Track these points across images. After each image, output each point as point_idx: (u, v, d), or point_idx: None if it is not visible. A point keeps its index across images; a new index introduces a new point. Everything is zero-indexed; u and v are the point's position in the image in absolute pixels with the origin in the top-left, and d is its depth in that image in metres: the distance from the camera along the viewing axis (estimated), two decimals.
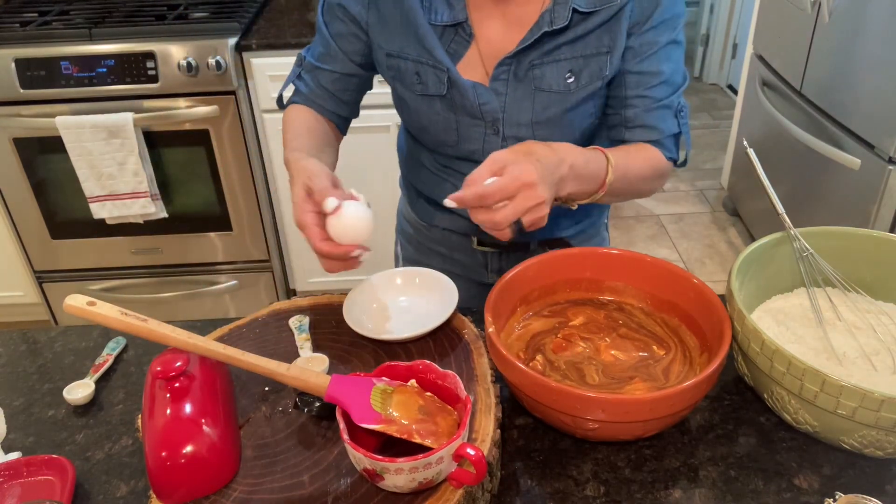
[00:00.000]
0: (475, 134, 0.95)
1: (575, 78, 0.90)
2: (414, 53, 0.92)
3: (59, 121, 1.96)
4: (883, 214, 1.94)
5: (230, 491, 0.68)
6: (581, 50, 0.89)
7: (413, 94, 0.95)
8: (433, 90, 0.93)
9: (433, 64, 0.91)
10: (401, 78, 0.95)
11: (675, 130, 0.95)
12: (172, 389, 0.69)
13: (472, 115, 0.94)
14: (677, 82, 0.93)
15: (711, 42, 4.18)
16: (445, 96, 0.93)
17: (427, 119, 0.97)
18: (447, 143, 0.98)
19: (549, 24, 0.86)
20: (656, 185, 0.97)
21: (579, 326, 0.87)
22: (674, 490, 0.72)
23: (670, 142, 0.95)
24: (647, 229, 2.99)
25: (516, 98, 0.92)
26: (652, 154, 0.94)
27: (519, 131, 0.94)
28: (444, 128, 0.96)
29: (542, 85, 0.91)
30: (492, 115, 0.93)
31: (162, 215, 2.17)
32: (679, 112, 0.94)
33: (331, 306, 0.93)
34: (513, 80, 0.91)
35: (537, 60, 0.89)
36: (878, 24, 1.87)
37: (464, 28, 0.91)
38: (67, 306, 0.65)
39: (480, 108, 0.92)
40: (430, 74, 0.92)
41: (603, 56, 0.89)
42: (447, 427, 0.67)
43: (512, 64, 0.90)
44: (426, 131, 0.99)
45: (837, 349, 0.80)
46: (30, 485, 0.74)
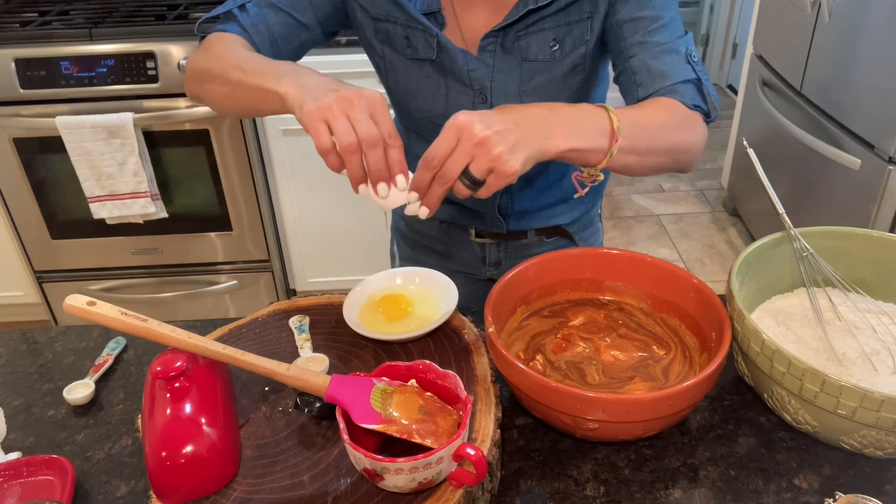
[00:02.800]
0: (463, 102, 0.95)
1: (559, 45, 0.91)
2: (402, 18, 0.92)
3: (59, 121, 1.96)
4: (883, 214, 1.94)
5: (230, 491, 0.68)
6: (564, 18, 0.90)
7: (403, 57, 0.95)
8: (423, 54, 0.93)
9: (422, 29, 0.92)
10: (390, 41, 0.95)
11: (691, 76, 0.86)
12: (172, 389, 0.69)
13: (461, 82, 0.94)
14: (679, 28, 0.88)
15: (711, 42, 4.18)
16: (435, 61, 0.93)
17: (416, 84, 0.96)
18: (434, 112, 0.97)
19: (535, 2, 0.88)
20: (689, 138, 0.85)
21: (579, 326, 0.87)
22: (674, 490, 0.72)
23: (687, 88, 0.85)
24: (647, 229, 2.99)
25: (503, 68, 0.93)
26: (666, 102, 0.85)
27: (507, 100, 0.94)
28: (433, 94, 0.96)
29: (528, 55, 0.92)
30: (480, 83, 0.93)
31: (162, 215, 2.17)
32: (691, 57, 0.87)
33: (331, 306, 0.93)
34: (500, 51, 0.92)
35: (522, 31, 0.91)
36: (878, 24, 1.87)
37: (436, 17, 0.92)
38: (67, 306, 0.65)
39: (469, 74, 0.93)
40: (420, 38, 0.92)
41: (585, 21, 0.90)
42: (447, 427, 0.67)
43: (498, 37, 0.91)
44: (413, 97, 0.97)
45: (837, 349, 0.80)
46: (30, 485, 0.74)
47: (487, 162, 0.69)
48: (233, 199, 2.21)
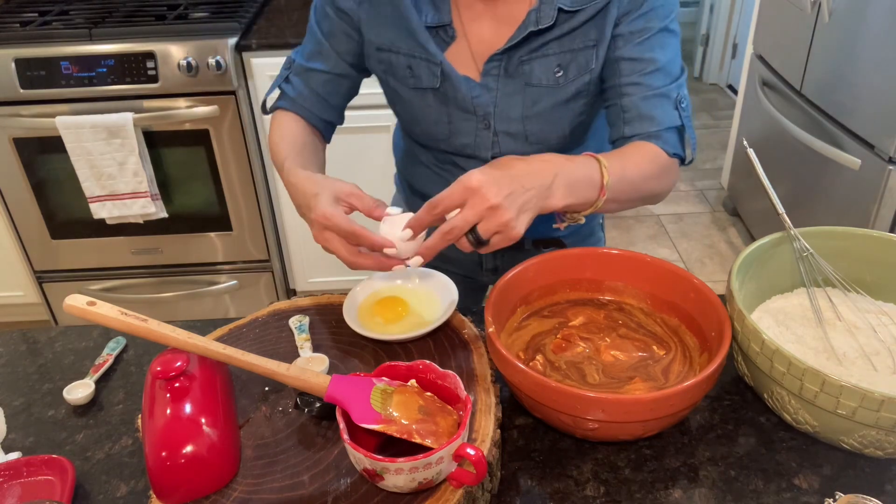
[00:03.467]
0: (467, 128, 0.96)
1: (563, 72, 0.91)
2: (405, 47, 0.93)
3: (59, 121, 1.96)
4: (883, 214, 1.94)
5: (230, 491, 0.68)
6: (568, 45, 0.90)
7: (406, 87, 0.96)
8: (426, 83, 0.94)
9: (426, 57, 0.92)
10: (392, 72, 0.96)
11: (676, 123, 0.91)
12: (172, 389, 0.69)
13: (463, 109, 0.94)
14: (675, 73, 0.91)
15: (711, 42, 4.18)
16: (438, 89, 0.93)
17: (420, 112, 0.97)
18: (439, 137, 0.98)
19: (535, 24, 0.87)
20: (664, 185, 0.92)
21: (579, 326, 0.87)
22: (674, 490, 0.72)
23: (671, 135, 0.91)
24: (647, 229, 2.99)
25: (507, 93, 0.93)
26: (650, 151, 0.90)
27: (510, 126, 0.94)
28: (436, 121, 0.96)
29: (531, 80, 0.91)
30: (483, 109, 0.94)
31: (162, 215, 2.17)
32: (679, 104, 0.91)
33: (331, 306, 0.93)
34: (503, 75, 0.92)
35: (526, 56, 0.90)
36: (878, 24, 1.87)
37: (446, 30, 0.92)
38: (67, 306, 0.65)
39: (472, 101, 0.93)
40: (423, 68, 0.93)
41: (590, 49, 0.90)
42: (447, 427, 0.67)
43: (502, 60, 0.91)
44: (418, 124, 0.99)
45: (837, 349, 0.80)
46: (30, 485, 0.74)
47: (496, 226, 0.74)
48: (233, 199, 2.21)
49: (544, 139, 0.97)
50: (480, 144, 0.97)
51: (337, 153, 1.34)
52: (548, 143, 0.97)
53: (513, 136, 0.96)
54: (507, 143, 0.97)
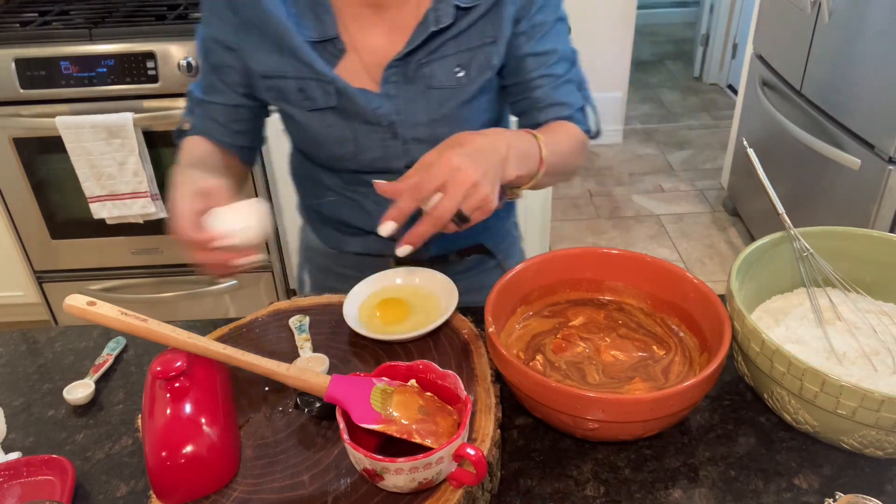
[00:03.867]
0: (373, 141, 0.93)
1: (465, 71, 0.90)
2: (293, 70, 0.89)
3: (59, 121, 1.96)
4: (883, 214, 1.94)
5: (230, 491, 0.68)
6: (466, 43, 0.89)
7: (301, 110, 0.92)
8: (322, 103, 0.90)
9: (316, 77, 0.89)
10: (284, 97, 0.92)
11: (582, 103, 0.96)
12: (172, 389, 0.69)
13: (367, 122, 0.91)
14: (572, 58, 0.96)
15: (711, 42, 4.18)
16: (336, 108, 0.90)
17: (320, 134, 0.93)
18: (345, 157, 0.94)
19: (436, 23, 0.87)
20: (581, 160, 0.98)
21: (579, 326, 0.87)
22: (674, 490, 0.72)
23: (580, 115, 0.97)
24: (647, 229, 2.99)
25: (409, 99, 0.91)
26: (570, 128, 0.95)
27: (417, 132, 0.92)
28: (340, 140, 0.93)
29: (433, 83, 0.90)
30: (387, 119, 0.91)
31: (162, 215, 2.17)
32: (581, 85, 0.97)
33: (331, 306, 0.93)
34: (403, 81, 0.90)
35: (424, 59, 0.89)
36: (878, 24, 1.87)
37: (334, 44, 0.89)
38: (67, 306, 0.65)
39: (374, 112, 0.90)
40: (315, 88, 0.89)
41: (488, 46, 0.90)
42: (447, 427, 0.67)
43: (400, 66, 0.89)
44: (320, 147, 0.95)
45: (837, 349, 0.80)
46: (30, 485, 0.74)
47: (478, 202, 0.74)
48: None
49: None
50: (390, 156, 0.94)
51: None
52: None
53: (422, 141, 0.93)
54: (418, 149, 0.91)
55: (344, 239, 1.06)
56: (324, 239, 1.10)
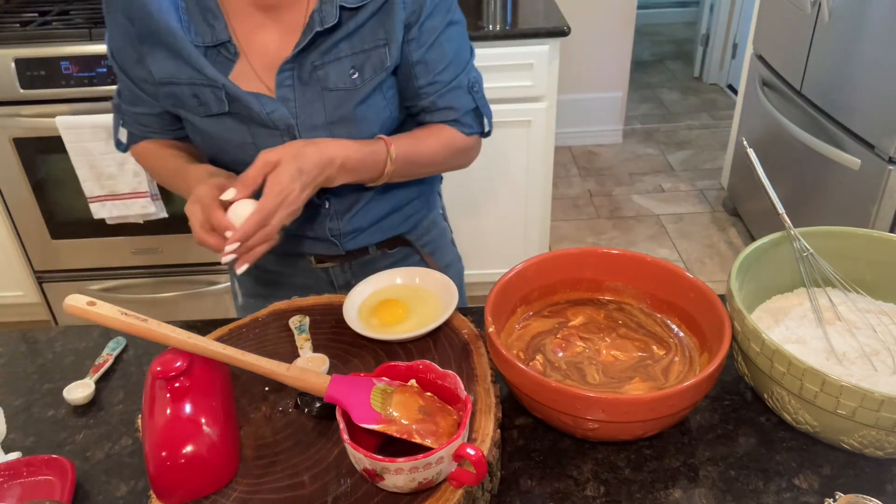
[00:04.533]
0: (272, 144, 0.90)
1: (359, 73, 0.90)
2: (185, 76, 0.89)
3: (59, 121, 1.96)
4: (883, 214, 1.94)
5: (230, 491, 0.68)
6: (359, 45, 0.89)
7: (198, 116, 0.91)
8: (215, 109, 0.90)
9: (208, 83, 0.88)
10: (181, 104, 0.91)
11: (471, 106, 0.98)
12: (172, 389, 0.69)
13: (264, 126, 0.91)
14: (463, 60, 0.96)
15: (711, 42, 4.18)
16: (230, 113, 0.90)
17: (221, 140, 0.93)
18: (247, 161, 0.91)
19: (320, 24, 0.86)
20: (461, 162, 1.02)
21: (579, 326, 0.87)
22: (674, 490, 0.72)
23: (468, 117, 0.98)
24: (647, 229, 2.99)
25: (305, 101, 0.90)
26: (447, 135, 0.98)
27: (316, 133, 0.92)
28: (240, 144, 0.93)
29: (328, 84, 0.90)
30: (284, 122, 0.90)
31: (162, 215, 2.17)
32: (472, 88, 0.97)
33: (331, 306, 0.93)
34: (298, 84, 0.90)
35: (318, 61, 0.89)
36: (878, 24, 1.87)
37: (227, 48, 0.89)
38: (67, 306, 0.65)
39: (269, 116, 0.89)
40: (208, 94, 0.89)
41: (381, 48, 0.90)
42: (447, 427, 0.67)
43: (294, 68, 0.89)
44: (224, 152, 0.95)
45: (837, 349, 0.80)
46: (30, 485, 0.74)
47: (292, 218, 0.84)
48: None
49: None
50: None
51: None
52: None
53: None
54: None
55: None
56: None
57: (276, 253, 1.03)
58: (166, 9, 0.86)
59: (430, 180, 1.11)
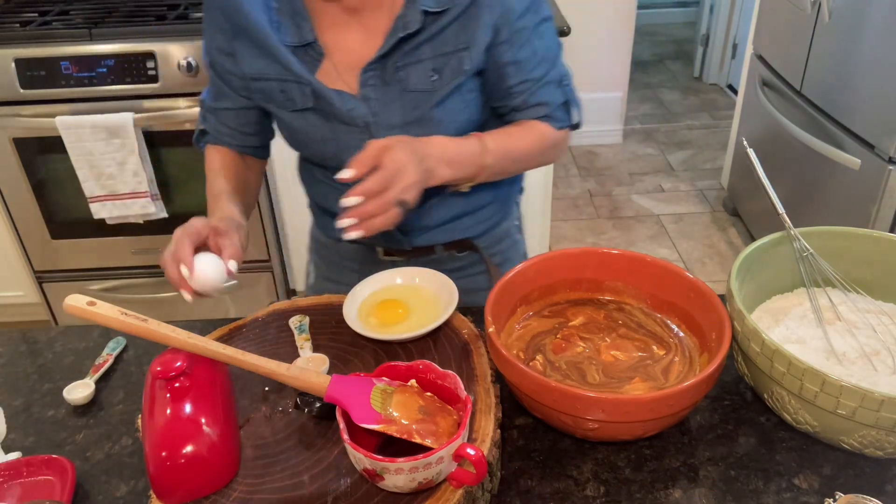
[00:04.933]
0: (352, 141, 0.94)
1: (438, 76, 0.91)
2: (275, 72, 0.93)
3: (59, 121, 1.96)
4: (883, 214, 1.94)
5: (230, 491, 0.68)
6: (441, 48, 0.90)
7: (285, 111, 0.96)
8: (301, 104, 0.94)
9: (295, 79, 0.92)
10: (269, 98, 0.96)
11: (562, 100, 0.97)
12: (172, 389, 0.69)
13: (345, 123, 0.94)
14: (552, 55, 0.96)
15: (711, 42, 4.18)
16: (314, 108, 0.94)
17: (304, 134, 0.97)
18: (328, 155, 0.98)
19: (404, 29, 0.88)
20: (551, 156, 1.03)
21: (579, 326, 0.87)
22: (674, 490, 0.72)
23: (560, 112, 0.98)
24: (647, 229, 2.99)
25: (385, 101, 0.93)
26: (537, 129, 0.97)
27: (392, 132, 0.93)
28: (322, 139, 0.96)
29: (408, 86, 0.92)
30: (362, 119, 0.93)
31: (162, 215, 2.17)
32: (561, 82, 0.97)
33: (331, 306, 0.93)
34: (380, 84, 0.92)
35: (400, 63, 0.91)
36: (878, 24, 1.87)
37: (314, 48, 0.92)
38: (67, 306, 0.65)
39: (349, 113, 0.92)
40: (295, 89, 0.93)
41: (462, 52, 0.91)
42: (447, 427, 0.67)
43: (377, 69, 0.91)
44: (306, 146, 1.00)
45: (837, 349, 0.80)
46: (30, 485, 0.74)
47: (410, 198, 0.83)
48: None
49: None
50: None
51: None
52: None
53: None
54: None
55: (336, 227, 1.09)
56: (322, 228, 1.16)
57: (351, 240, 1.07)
58: (259, 9, 0.91)
59: (507, 188, 1.11)
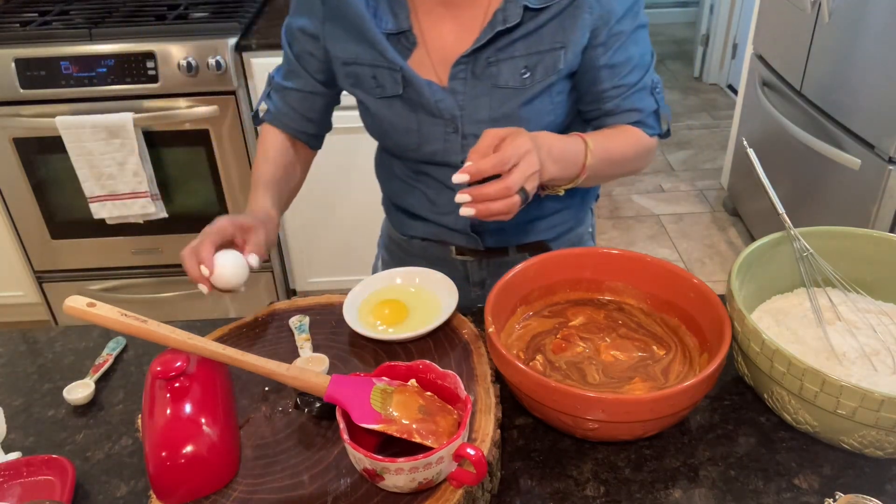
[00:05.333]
0: (435, 133, 0.95)
1: (530, 73, 0.91)
2: (368, 58, 0.94)
3: (59, 121, 1.96)
4: (883, 214, 1.94)
5: (230, 491, 0.68)
6: (535, 46, 0.90)
7: (373, 97, 0.97)
8: (390, 91, 0.94)
9: (387, 65, 0.93)
10: (359, 84, 0.97)
11: (654, 107, 0.97)
12: (172, 389, 0.69)
13: (430, 114, 0.94)
14: (646, 62, 0.96)
15: (711, 42, 4.18)
16: (403, 96, 0.94)
17: (388, 123, 0.98)
18: (409, 147, 0.99)
19: (503, 23, 0.88)
20: (644, 163, 1.01)
21: (579, 326, 0.87)
22: (674, 490, 0.72)
23: (651, 119, 0.97)
24: (647, 229, 2.99)
25: (474, 95, 0.93)
26: (633, 134, 0.96)
27: (478, 128, 0.93)
28: (405, 129, 0.97)
29: (498, 82, 0.92)
30: (449, 113, 0.93)
31: (162, 215, 2.17)
32: (654, 89, 0.97)
33: (331, 306, 0.93)
34: (471, 78, 0.92)
35: (493, 58, 0.91)
36: (878, 24, 1.87)
37: (407, 37, 0.93)
38: (67, 308, 0.65)
39: (437, 104, 0.93)
40: (386, 76, 0.94)
41: (557, 51, 0.90)
42: (447, 427, 0.67)
43: (469, 63, 0.91)
44: (388, 136, 1.00)
45: (837, 349, 0.80)
46: (30, 485, 0.74)
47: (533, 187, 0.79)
48: (233, 200, 2.21)
49: None
50: (450, 150, 0.96)
51: (331, 153, 1.34)
52: None
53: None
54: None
55: (410, 224, 1.11)
56: (395, 224, 1.16)
57: (421, 237, 1.11)
58: None
59: (583, 193, 1.11)
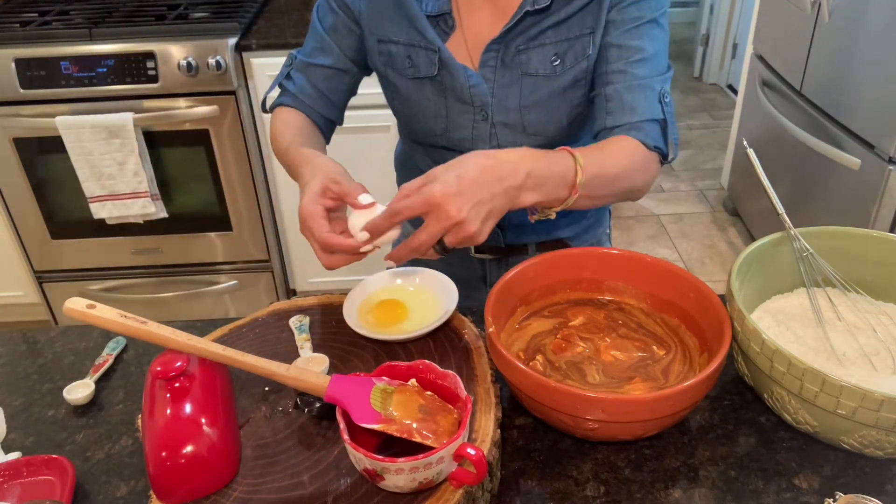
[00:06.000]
0: (464, 120, 0.96)
1: (560, 61, 0.91)
2: (405, 37, 0.94)
3: (59, 121, 1.96)
4: (883, 214, 1.94)
5: (230, 491, 0.68)
6: (565, 33, 0.90)
7: (404, 78, 0.96)
8: (424, 72, 0.94)
9: (424, 45, 0.93)
10: (392, 63, 0.97)
11: (658, 116, 0.90)
12: (172, 389, 0.69)
13: (461, 100, 0.95)
14: (661, 66, 0.91)
15: (711, 42, 4.18)
16: (436, 78, 0.94)
17: (417, 105, 0.97)
18: (437, 132, 0.98)
19: (532, 4, 0.88)
20: (643, 180, 0.90)
21: (579, 326, 0.87)
22: (674, 490, 0.72)
23: (652, 127, 0.89)
24: (647, 229, 2.99)
25: (504, 83, 0.93)
26: (629, 145, 0.88)
27: (507, 116, 0.94)
28: (434, 114, 0.97)
29: (528, 69, 0.92)
30: (481, 99, 0.94)
31: (162, 215, 2.17)
32: (663, 98, 0.91)
33: (331, 306, 0.93)
34: (500, 65, 0.92)
35: (523, 45, 0.91)
36: (878, 24, 1.87)
37: (446, 20, 0.93)
38: (67, 309, 0.65)
39: (470, 90, 0.93)
40: (422, 56, 0.94)
41: (587, 37, 0.90)
42: (447, 427, 0.67)
43: (499, 50, 0.92)
44: (416, 119, 1.00)
45: (837, 349, 0.80)
46: (30, 485, 0.74)
47: (462, 239, 0.75)
48: (233, 199, 2.21)
49: (542, 130, 0.97)
50: (478, 137, 0.97)
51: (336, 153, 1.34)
52: (546, 135, 0.97)
53: (511, 126, 0.96)
54: (506, 134, 0.97)
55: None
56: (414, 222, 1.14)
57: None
58: None
59: None
